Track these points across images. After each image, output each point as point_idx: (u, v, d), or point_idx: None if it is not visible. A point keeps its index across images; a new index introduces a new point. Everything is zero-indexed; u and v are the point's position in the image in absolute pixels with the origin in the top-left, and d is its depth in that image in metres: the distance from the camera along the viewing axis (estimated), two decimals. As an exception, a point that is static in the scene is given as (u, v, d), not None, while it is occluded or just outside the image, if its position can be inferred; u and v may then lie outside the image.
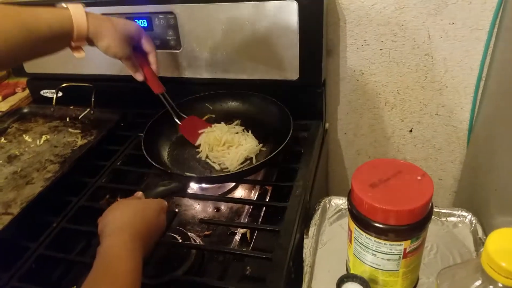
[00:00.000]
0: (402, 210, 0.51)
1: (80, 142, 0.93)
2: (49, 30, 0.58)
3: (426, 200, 0.51)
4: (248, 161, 0.80)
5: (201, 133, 0.86)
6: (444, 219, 0.74)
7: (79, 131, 0.98)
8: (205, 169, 0.81)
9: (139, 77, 0.77)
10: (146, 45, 0.75)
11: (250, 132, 0.86)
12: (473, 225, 0.72)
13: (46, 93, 1.11)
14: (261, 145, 0.83)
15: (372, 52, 0.92)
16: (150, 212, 0.56)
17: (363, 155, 1.09)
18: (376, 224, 0.53)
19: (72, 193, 0.78)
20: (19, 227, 0.69)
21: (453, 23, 0.84)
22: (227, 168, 0.79)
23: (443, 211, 0.75)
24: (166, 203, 0.61)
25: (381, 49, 0.91)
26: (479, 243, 0.68)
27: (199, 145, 0.85)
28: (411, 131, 1.02)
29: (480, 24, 0.83)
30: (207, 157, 0.82)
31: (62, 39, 0.62)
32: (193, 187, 0.82)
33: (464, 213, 0.74)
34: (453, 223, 0.74)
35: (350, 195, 0.57)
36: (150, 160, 0.75)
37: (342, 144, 1.09)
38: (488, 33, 0.83)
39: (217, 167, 0.80)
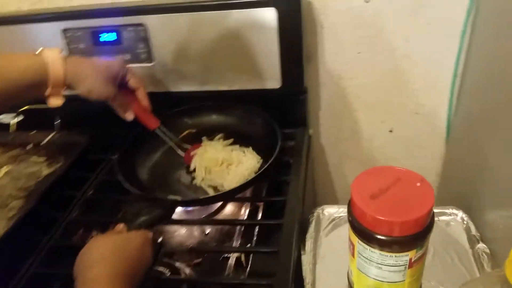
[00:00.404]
0: (408, 220, 0.49)
1: (45, 171, 0.84)
2: (21, 78, 0.55)
3: (429, 207, 0.50)
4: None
5: (193, 155, 0.81)
6: (436, 218, 0.74)
7: (44, 158, 0.89)
8: (192, 190, 0.76)
9: (129, 116, 0.73)
10: (132, 81, 0.72)
11: (250, 148, 0.81)
12: (465, 222, 0.73)
13: (3, 118, 1.00)
14: (261, 160, 0.78)
15: (350, 56, 0.91)
16: (132, 247, 0.51)
17: (346, 159, 1.09)
18: (381, 237, 0.51)
19: (41, 232, 0.71)
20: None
21: (429, 23, 0.84)
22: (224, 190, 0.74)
23: (435, 210, 0.75)
24: (151, 234, 0.56)
25: (359, 53, 0.91)
26: (473, 240, 0.69)
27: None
28: (391, 131, 1.02)
29: (454, 23, 0.83)
30: (202, 180, 0.78)
31: (36, 87, 0.58)
32: (177, 210, 0.77)
33: (455, 211, 0.75)
34: (446, 222, 0.74)
35: (350, 208, 0.55)
36: (128, 185, 0.69)
37: (326, 149, 1.08)
38: (461, 31, 0.84)
39: (210, 191, 0.75)
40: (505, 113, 0.67)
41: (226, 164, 0.77)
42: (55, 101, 0.61)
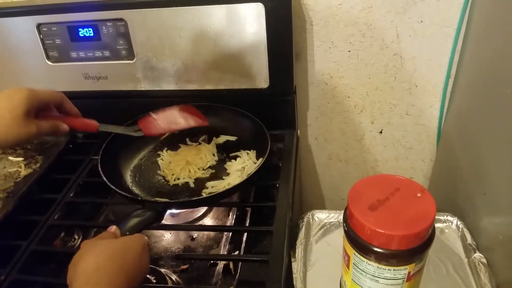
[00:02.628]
0: (409, 234, 0.46)
1: (23, 172, 0.80)
2: None
3: (431, 219, 0.47)
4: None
5: (149, 123, 0.72)
6: (430, 225, 0.72)
7: (21, 158, 0.85)
8: (177, 193, 0.72)
9: (64, 128, 0.60)
10: (50, 100, 0.58)
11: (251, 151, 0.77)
12: (460, 230, 0.71)
13: None
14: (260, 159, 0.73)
15: (340, 54, 0.88)
16: (131, 255, 0.47)
17: (335, 160, 1.06)
18: (379, 250, 0.48)
19: (20, 236, 0.66)
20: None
21: (421, 21, 0.82)
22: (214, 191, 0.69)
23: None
24: (147, 238, 0.52)
25: (349, 51, 0.87)
26: (469, 249, 0.66)
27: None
28: (381, 132, 0.99)
29: (448, 21, 0.81)
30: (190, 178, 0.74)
31: None
32: (161, 214, 0.74)
33: (450, 218, 0.73)
34: (440, 229, 0.72)
35: (347, 218, 0.51)
36: (114, 188, 0.64)
37: (313, 150, 1.05)
38: (456, 30, 0.81)
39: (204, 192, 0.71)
40: (500, 116, 0.65)
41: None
42: None
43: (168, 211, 0.72)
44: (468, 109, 0.81)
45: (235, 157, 0.76)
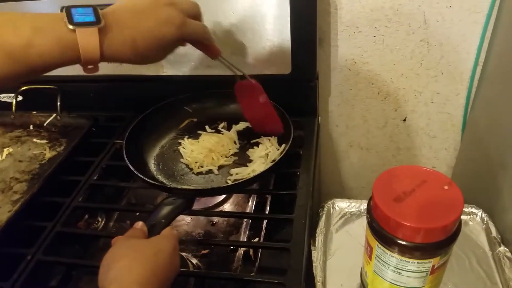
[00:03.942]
0: (434, 227, 0.46)
1: (48, 154, 0.82)
2: (42, 61, 0.45)
3: (458, 213, 0.46)
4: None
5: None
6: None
7: (46, 141, 0.86)
8: (202, 180, 0.71)
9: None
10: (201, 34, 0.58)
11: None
12: (485, 222, 0.69)
13: (4, 97, 0.97)
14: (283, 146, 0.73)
15: (365, 40, 0.86)
16: (162, 256, 0.46)
17: (356, 147, 1.04)
18: (403, 242, 0.47)
19: (45, 217, 0.68)
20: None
21: (450, 6, 0.79)
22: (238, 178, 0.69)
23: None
24: (177, 233, 0.52)
25: (374, 36, 0.85)
26: (494, 243, 0.65)
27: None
28: (404, 120, 0.97)
29: (478, 6, 0.78)
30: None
31: (64, 64, 0.47)
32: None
33: (475, 210, 0.71)
34: (464, 221, 0.70)
35: (371, 210, 0.51)
36: (142, 177, 0.64)
37: (334, 137, 1.03)
38: (486, 16, 0.78)
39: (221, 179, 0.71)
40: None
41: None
42: (91, 70, 0.50)
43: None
44: (497, 98, 0.78)
45: (256, 144, 0.76)
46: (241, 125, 0.80)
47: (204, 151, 0.74)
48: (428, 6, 0.79)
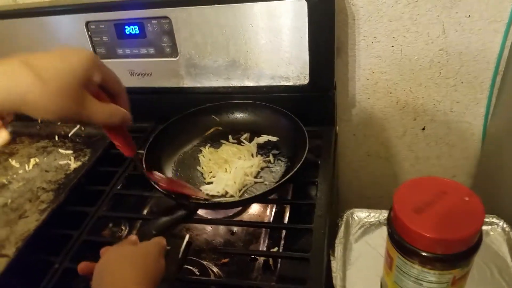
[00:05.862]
0: (455, 238, 0.46)
1: (73, 165, 0.85)
2: None
3: (479, 224, 0.46)
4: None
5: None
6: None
7: (71, 151, 0.89)
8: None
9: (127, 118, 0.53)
10: (111, 84, 0.50)
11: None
12: (507, 233, 0.68)
13: None
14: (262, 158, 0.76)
15: (383, 49, 0.86)
16: (151, 259, 0.50)
17: (374, 156, 1.04)
18: (424, 254, 0.48)
19: (71, 226, 0.70)
20: (16, 271, 0.62)
21: (469, 15, 0.79)
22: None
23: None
24: (165, 242, 0.54)
25: (392, 46, 0.86)
26: (516, 254, 0.64)
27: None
28: (423, 129, 0.97)
29: (498, 15, 0.78)
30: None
31: None
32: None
33: (496, 220, 0.70)
34: (485, 231, 0.70)
35: (391, 221, 0.51)
36: (154, 184, 0.67)
37: (351, 146, 1.04)
38: (506, 24, 0.78)
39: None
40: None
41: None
42: None
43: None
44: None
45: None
46: (263, 138, 0.81)
47: (220, 161, 0.75)
48: (447, 16, 0.80)
